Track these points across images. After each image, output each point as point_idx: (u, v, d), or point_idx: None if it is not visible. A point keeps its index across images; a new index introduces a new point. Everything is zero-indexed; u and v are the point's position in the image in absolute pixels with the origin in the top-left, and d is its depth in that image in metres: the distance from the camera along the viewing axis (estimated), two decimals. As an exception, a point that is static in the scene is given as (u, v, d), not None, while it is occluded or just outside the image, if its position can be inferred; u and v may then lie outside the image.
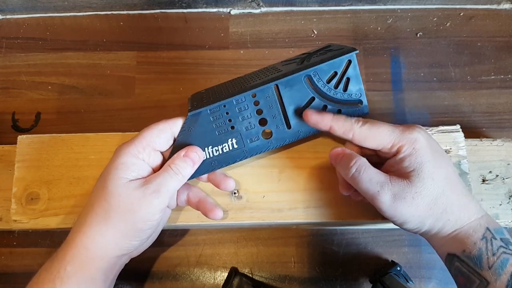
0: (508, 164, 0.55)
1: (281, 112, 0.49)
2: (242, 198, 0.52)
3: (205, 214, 0.50)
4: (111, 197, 0.44)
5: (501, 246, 0.41)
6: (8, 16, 0.72)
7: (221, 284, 0.61)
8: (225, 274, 0.62)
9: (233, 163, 0.50)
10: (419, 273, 0.62)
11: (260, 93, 0.48)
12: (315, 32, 0.70)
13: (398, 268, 0.59)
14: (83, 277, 0.44)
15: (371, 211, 0.51)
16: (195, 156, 0.48)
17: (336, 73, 0.48)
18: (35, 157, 0.54)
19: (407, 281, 0.59)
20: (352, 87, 0.48)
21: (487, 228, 0.43)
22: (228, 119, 0.48)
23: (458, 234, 0.43)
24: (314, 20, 0.71)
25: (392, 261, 0.61)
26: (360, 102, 0.49)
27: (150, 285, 0.62)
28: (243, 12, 0.71)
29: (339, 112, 0.49)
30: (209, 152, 0.49)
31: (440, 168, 0.44)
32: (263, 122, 0.49)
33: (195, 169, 0.48)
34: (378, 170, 0.45)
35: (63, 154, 0.54)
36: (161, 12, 0.72)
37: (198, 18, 0.71)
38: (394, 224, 0.46)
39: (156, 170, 0.47)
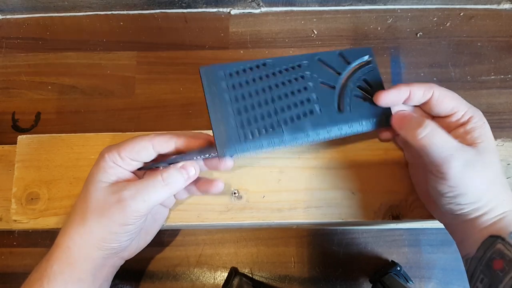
0: (508, 164, 0.55)
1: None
2: (242, 198, 0.52)
3: (206, 192, 0.48)
4: (89, 200, 0.44)
5: None
6: (8, 16, 0.72)
7: (221, 284, 0.61)
8: (225, 274, 0.62)
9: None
10: (419, 273, 0.62)
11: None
12: (315, 32, 0.70)
13: (398, 268, 0.59)
14: (70, 277, 0.44)
15: (372, 211, 0.51)
16: (192, 170, 0.45)
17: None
18: (35, 157, 0.54)
19: (407, 281, 0.59)
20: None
21: None
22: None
23: (507, 216, 0.42)
24: (314, 20, 0.71)
25: (392, 261, 0.61)
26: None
27: (150, 285, 0.62)
28: (243, 12, 0.71)
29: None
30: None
31: (498, 151, 0.44)
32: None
33: (188, 183, 0.45)
34: (451, 139, 0.42)
35: (63, 154, 0.54)
36: (161, 12, 0.72)
37: (198, 18, 0.71)
38: (448, 197, 0.43)
39: (138, 175, 0.47)
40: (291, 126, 0.45)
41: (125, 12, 0.72)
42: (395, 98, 0.46)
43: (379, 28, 0.70)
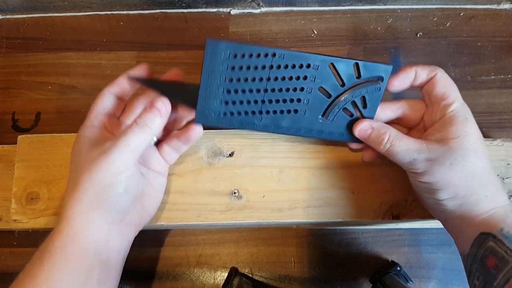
0: (508, 164, 0.55)
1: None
2: (242, 198, 0.52)
3: (188, 139, 0.49)
4: (77, 163, 0.45)
5: None
6: (8, 16, 0.72)
7: (221, 284, 0.61)
8: (225, 274, 0.62)
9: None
10: (419, 273, 0.62)
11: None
12: (315, 32, 0.70)
13: (398, 268, 0.59)
14: (72, 250, 0.42)
15: (371, 211, 0.51)
16: (162, 106, 0.45)
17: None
18: (35, 156, 0.54)
19: (407, 281, 0.59)
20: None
21: None
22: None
23: (496, 213, 0.43)
24: (314, 20, 0.71)
25: (392, 261, 0.61)
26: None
27: (150, 285, 0.62)
28: (243, 12, 0.71)
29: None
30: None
31: (483, 147, 0.44)
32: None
33: (164, 120, 0.46)
34: (411, 138, 0.45)
35: (63, 154, 0.54)
36: (161, 12, 0.72)
37: (198, 18, 0.71)
38: (428, 193, 0.46)
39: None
40: (270, 117, 0.48)
41: (125, 12, 0.72)
42: (406, 80, 0.47)
43: (379, 28, 0.70)
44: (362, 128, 0.48)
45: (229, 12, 0.71)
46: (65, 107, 0.68)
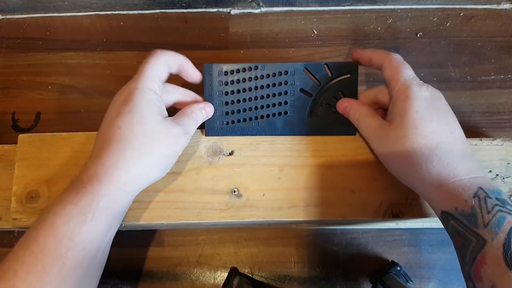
0: (508, 164, 0.55)
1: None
2: (242, 196, 0.52)
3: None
4: (153, 133, 0.46)
5: (496, 205, 0.41)
6: (8, 16, 0.72)
7: (221, 284, 0.61)
8: (225, 274, 0.62)
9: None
10: (419, 273, 0.62)
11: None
12: (315, 32, 0.70)
13: (398, 268, 0.59)
14: (113, 212, 0.45)
15: (372, 209, 0.51)
16: (210, 111, 0.54)
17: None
18: (35, 155, 0.54)
19: (407, 281, 0.58)
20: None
21: (480, 187, 0.42)
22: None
23: (447, 191, 0.44)
24: (314, 20, 0.71)
25: (392, 261, 0.61)
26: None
27: (150, 285, 0.62)
28: (243, 12, 0.71)
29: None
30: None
31: (430, 122, 0.46)
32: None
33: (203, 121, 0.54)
34: (375, 117, 0.51)
35: (63, 153, 0.54)
36: (161, 12, 0.72)
37: (198, 18, 0.71)
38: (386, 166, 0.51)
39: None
40: (265, 121, 0.55)
41: (125, 12, 0.72)
42: (360, 56, 0.54)
43: (379, 28, 0.70)
44: (343, 105, 0.54)
45: (229, 12, 0.71)
46: (65, 107, 0.68)
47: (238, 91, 0.55)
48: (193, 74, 0.54)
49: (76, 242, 0.42)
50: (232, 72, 0.54)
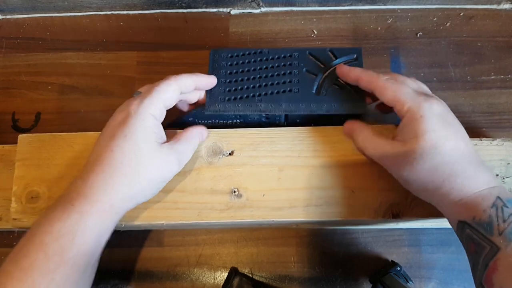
0: (508, 164, 0.55)
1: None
2: (241, 196, 0.52)
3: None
4: (145, 160, 0.46)
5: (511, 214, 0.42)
6: (8, 16, 0.72)
7: (221, 284, 0.61)
8: (225, 274, 0.62)
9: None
10: (419, 273, 0.62)
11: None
12: (315, 32, 0.70)
13: (398, 268, 0.59)
14: (103, 229, 0.46)
15: (372, 210, 0.51)
16: (205, 133, 0.54)
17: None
18: (35, 155, 0.54)
19: (407, 281, 0.58)
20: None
21: (498, 197, 0.43)
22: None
23: (466, 203, 0.44)
24: (314, 20, 0.71)
25: (392, 261, 0.61)
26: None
27: (150, 285, 0.62)
28: (243, 12, 0.71)
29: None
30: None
31: (447, 140, 0.45)
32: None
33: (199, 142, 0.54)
34: (381, 139, 0.49)
35: (63, 153, 0.54)
36: (161, 12, 0.72)
37: (198, 18, 0.71)
38: (404, 186, 0.49)
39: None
40: (269, 97, 0.54)
41: (125, 12, 0.72)
42: (347, 74, 0.52)
43: (379, 28, 0.70)
44: (347, 125, 0.54)
45: (229, 12, 0.72)
46: (65, 107, 0.68)
47: (242, 72, 0.56)
48: (207, 82, 0.54)
49: (66, 259, 0.42)
50: (237, 56, 0.57)
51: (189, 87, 0.51)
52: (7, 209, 0.54)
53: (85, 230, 0.44)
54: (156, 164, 0.47)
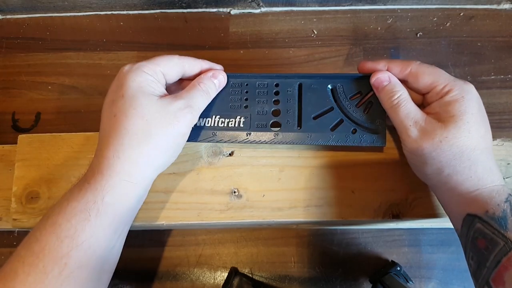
0: (508, 164, 0.55)
1: (297, 109, 0.51)
2: (242, 197, 0.52)
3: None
4: (148, 114, 0.43)
5: None
6: (8, 16, 0.72)
7: (221, 284, 0.61)
8: (225, 274, 0.62)
9: (234, 142, 0.51)
10: (419, 273, 0.62)
11: (283, 84, 0.51)
12: (315, 32, 0.70)
13: (398, 268, 0.59)
14: (120, 207, 0.43)
15: (372, 210, 0.51)
16: (222, 79, 0.50)
17: (360, 93, 0.50)
18: (35, 156, 0.54)
19: (407, 281, 0.59)
20: (373, 113, 0.50)
21: (510, 194, 0.42)
22: (245, 97, 0.51)
23: (480, 195, 0.43)
24: (314, 20, 0.71)
25: (392, 261, 0.61)
26: (377, 131, 0.50)
27: (150, 285, 0.62)
28: (243, 12, 0.71)
29: (354, 132, 0.50)
30: (214, 121, 0.51)
31: (480, 126, 0.44)
32: (276, 113, 0.51)
33: (218, 91, 0.50)
34: (417, 107, 0.46)
35: (63, 153, 0.54)
36: (161, 12, 0.72)
37: (198, 18, 0.71)
38: (413, 166, 0.48)
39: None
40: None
41: (125, 12, 0.72)
42: (372, 67, 0.49)
43: (379, 28, 0.70)
44: (380, 77, 0.48)
45: (229, 12, 0.71)
46: (65, 107, 0.68)
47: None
48: (215, 70, 0.51)
49: (79, 241, 0.40)
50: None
51: (193, 67, 0.49)
52: (7, 209, 0.54)
53: (101, 209, 0.41)
54: (161, 115, 0.43)
